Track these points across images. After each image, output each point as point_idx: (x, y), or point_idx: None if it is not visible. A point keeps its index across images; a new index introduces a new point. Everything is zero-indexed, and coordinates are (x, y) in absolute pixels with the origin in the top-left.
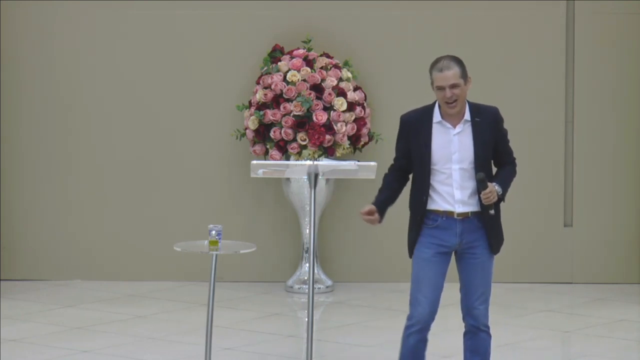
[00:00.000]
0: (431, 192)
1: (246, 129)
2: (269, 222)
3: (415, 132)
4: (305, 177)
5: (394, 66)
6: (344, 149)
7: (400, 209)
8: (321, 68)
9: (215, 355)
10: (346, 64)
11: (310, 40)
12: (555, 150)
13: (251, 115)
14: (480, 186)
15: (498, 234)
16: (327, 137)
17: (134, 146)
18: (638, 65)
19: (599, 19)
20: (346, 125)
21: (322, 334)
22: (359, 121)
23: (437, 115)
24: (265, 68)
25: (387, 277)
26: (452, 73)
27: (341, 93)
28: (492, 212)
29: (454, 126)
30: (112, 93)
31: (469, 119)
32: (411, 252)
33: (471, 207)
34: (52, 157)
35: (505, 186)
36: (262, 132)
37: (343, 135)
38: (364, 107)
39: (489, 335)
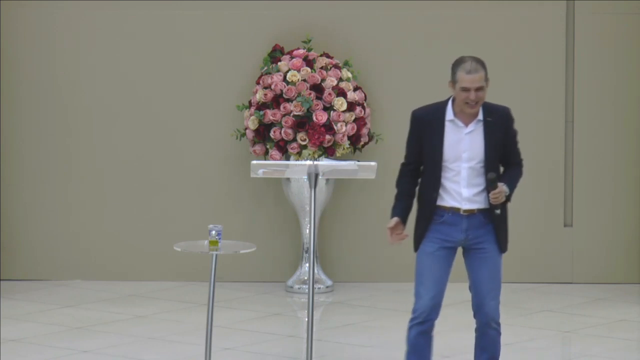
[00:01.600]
0: (440, 189)
1: (246, 129)
2: (269, 222)
3: (427, 129)
4: (305, 177)
5: (394, 66)
6: (344, 149)
7: None
8: (321, 68)
9: (215, 355)
10: (346, 64)
11: (310, 40)
12: (555, 150)
13: (251, 115)
14: (491, 186)
15: (505, 231)
16: (327, 137)
17: (133, 146)
18: (638, 65)
19: (599, 19)
20: (346, 125)
21: (322, 334)
22: (359, 121)
23: (450, 113)
24: (265, 68)
25: (387, 277)
26: (479, 76)
27: (341, 93)
28: (497, 211)
29: (467, 125)
30: (112, 93)
31: (481, 118)
32: (416, 247)
33: (478, 204)
34: (52, 157)
35: (512, 187)
36: (262, 132)
37: (343, 135)
38: (364, 107)
39: (499, 333)
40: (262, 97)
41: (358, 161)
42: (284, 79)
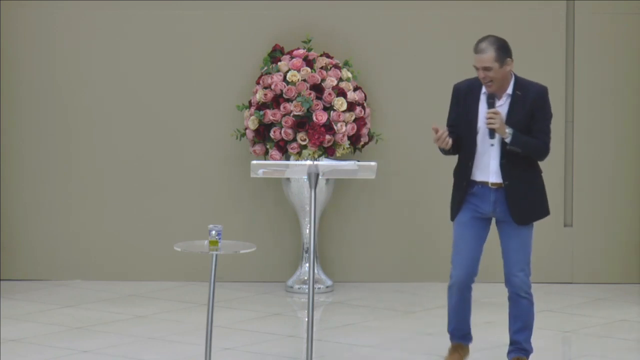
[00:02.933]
0: (472, 160)
1: (246, 129)
2: (269, 222)
3: (464, 101)
4: (305, 177)
5: (394, 66)
6: (344, 149)
7: (399, 209)
8: (321, 68)
9: (215, 355)
10: (346, 64)
11: (310, 40)
12: (555, 150)
13: (251, 115)
14: (489, 103)
15: (526, 203)
16: (327, 137)
17: (133, 146)
18: (638, 65)
19: (599, 19)
20: (346, 125)
21: (322, 334)
22: (359, 121)
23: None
24: (265, 68)
25: (387, 277)
26: (486, 57)
27: (341, 93)
28: (492, 142)
29: (500, 98)
30: (112, 93)
31: (510, 92)
32: (453, 216)
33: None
34: (52, 157)
35: (521, 138)
36: (262, 132)
37: (343, 135)
38: (364, 107)
39: (531, 303)
40: (262, 97)
41: (358, 161)
42: (284, 79)
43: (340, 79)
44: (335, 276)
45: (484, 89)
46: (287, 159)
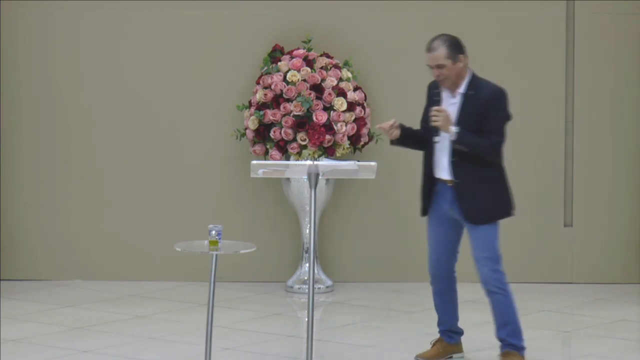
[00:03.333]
0: (432, 158)
1: (246, 129)
2: (269, 222)
3: (430, 98)
4: (305, 177)
5: (394, 66)
6: (344, 149)
7: (399, 209)
8: (321, 68)
9: (215, 355)
10: (346, 64)
11: (310, 40)
12: (555, 150)
13: (251, 115)
14: (434, 101)
15: (478, 202)
16: (327, 137)
17: (134, 146)
18: (638, 65)
19: (599, 19)
20: (346, 125)
21: (322, 334)
22: (359, 121)
23: None
24: (265, 68)
25: (387, 277)
26: (438, 54)
27: (341, 93)
28: (437, 139)
29: (454, 96)
30: (112, 93)
31: (462, 91)
32: (422, 213)
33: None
34: (52, 157)
35: (467, 137)
36: (262, 132)
37: (343, 135)
38: (364, 107)
39: (506, 297)
40: (262, 97)
41: (358, 161)
42: (284, 79)
43: (340, 79)
44: (335, 276)
45: (442, 88)
46: (287, 159)
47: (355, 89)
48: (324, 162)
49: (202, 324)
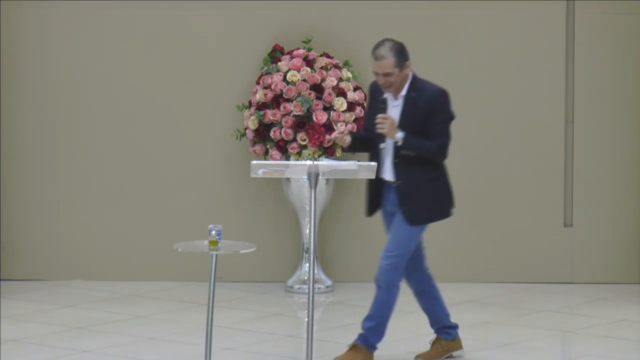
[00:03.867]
0: (379, 160)
1: (246, 129)
2: (269, 222)
3: (373, 100)
4: (305, 177)
5: None
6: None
7: None
8: (321, 68)
9: (215, 355)
10: (346, 64)
11: (310, 40)
12: (555, 150)
13: (251, 115)
14: (380, 108)
15: (417, 203)
16: (327, 137)
17: (134, 146)
18: (638, 65)
19: (599, 19)
20: (346, 125)
21: (322, 334)
22: (359, 121)
23: None
24: (265, 68)
25: None
26: (386, 63)
27: (341, 93)
28: (382, 145)
29: (396, 99)
30: (112, 93)
31: (404, 94)
32: (367, 213)
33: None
34: (52, 157)
35: (412, 141)
36: (262, 132)
37: None
38: (364, 107)
39: (388, 295)
40: (262, 97)
41: (358, 161)
42: (284, 79)
43: (340, 79)
44: (335, 276)
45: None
46: (287, 159)
47: (355, 89)
48: (324, 162)
49: (202, 324)
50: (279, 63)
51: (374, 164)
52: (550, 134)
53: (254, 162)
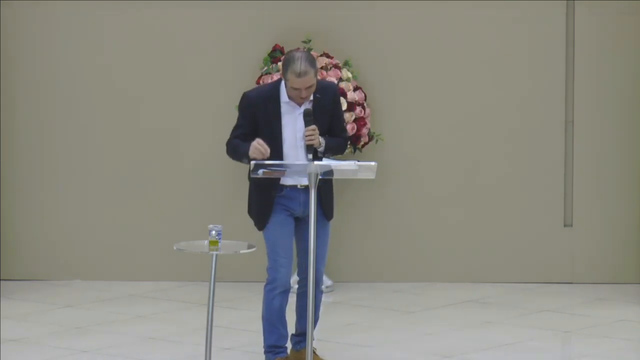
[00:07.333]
0: None
1: None
2: None
3: (263, 111)
4: (305, 177)
5: (394, 66)
6: None
7: (399, 209)
8: (321, 68)
9: (215, 355)
10: (346, 64)
11: (310, 40)
12: (555, 150)
13: None
14: (307, 121)
15: (328, 201)
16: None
17: (133, 146)
18: (638, 65)
19: (599, 19)
20: (346, 126)
21: (322, 334)
22: (359, 121)
23: (284, 95)
24: (265, 68)
25: (387, 277)
26: (309, 77)
27: (341, 93)
28: (310, 156)
29: (300, 105)
30: (111, 93)
31: (311, 98)
32: (263, 223)
33: None
34: (52, 157)
35: (329, 143)
36: None
37: None
38: (364, 107)
39: (322, 295)
40: None
41: (358, 161)
42: None
43: (340, 79)
44: (335, 276)
45: (283, 98)
46: None
47: (355, 89)
48: (324, 162)
49: (202, 324)
50: (279, 63)
51: (374, 163)
52: (550, 134)
53: (254, 162)
